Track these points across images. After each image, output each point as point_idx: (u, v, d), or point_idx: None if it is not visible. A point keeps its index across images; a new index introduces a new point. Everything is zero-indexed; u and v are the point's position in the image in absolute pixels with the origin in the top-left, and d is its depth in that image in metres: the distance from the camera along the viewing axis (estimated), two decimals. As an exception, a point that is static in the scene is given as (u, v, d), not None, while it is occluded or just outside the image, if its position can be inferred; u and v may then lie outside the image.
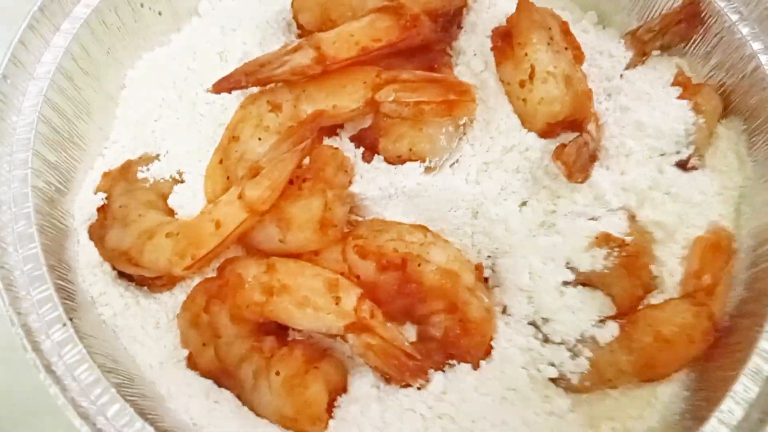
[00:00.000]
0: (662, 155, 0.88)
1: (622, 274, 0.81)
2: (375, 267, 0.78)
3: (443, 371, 0.79)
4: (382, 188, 0.82)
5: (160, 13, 1.02)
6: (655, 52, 0.97)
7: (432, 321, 0.80)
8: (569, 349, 0.79)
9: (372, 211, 0.84)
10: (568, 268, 0.81)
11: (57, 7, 0.90)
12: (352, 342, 0.75)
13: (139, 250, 0.79)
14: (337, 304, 0.75)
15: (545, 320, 0.80)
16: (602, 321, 0.80)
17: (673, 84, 0.93)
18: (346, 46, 0.81)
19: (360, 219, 0.84)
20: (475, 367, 0.79)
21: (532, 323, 0.81)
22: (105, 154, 0.94)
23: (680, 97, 0.90)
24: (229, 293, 0.77)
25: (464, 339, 0.79)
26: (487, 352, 0.80)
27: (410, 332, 0.83)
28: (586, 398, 0.80)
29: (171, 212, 0.86)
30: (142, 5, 0.99)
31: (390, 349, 0.75)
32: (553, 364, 0.79)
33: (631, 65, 0.95)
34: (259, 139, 0.82)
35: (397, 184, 0.81)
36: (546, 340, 0.80)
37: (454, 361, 0.79)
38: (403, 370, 0.75)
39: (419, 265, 0.77)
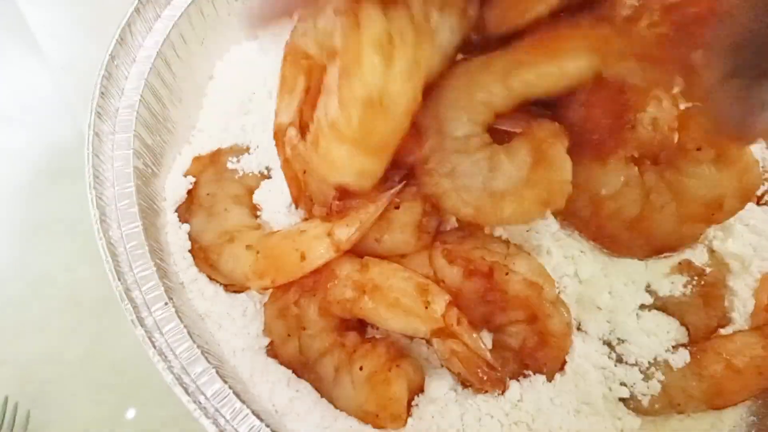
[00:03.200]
0: None
1: (699, 303, 0.83)
2: (462, 273, 0.80)
3: (518, 380, 0.81)
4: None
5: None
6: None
7: (510, 330, 0.82)
8: (642, 371, 0.81)
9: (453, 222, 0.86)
10: (647, 291, 0.83)
11: (159, -6, 0.93)
12: (437, 347, 0.77)
13: (218, 252, 0.81)
14: (426, 308, 0.77)
15: (620, 341, 0.82)
16: (675, 348, 0.82)
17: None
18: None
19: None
20: (549, 379, 0.81)
21: (607, 342, 0.83)
22: (192, 141, 0.96)
23: (760, 135, 0.93)
24: (320, 288, 0.78)
25: (541, 351, 0.80)
26: (561, 366, 0.82)
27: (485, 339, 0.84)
28: (651, 419, 0.83)
29: (255, 208, 0.88)
30: (237, -1, 1.02)
31: (473, 358, 0.77)
32: (624, 384, 0.81)
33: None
34: None
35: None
36: (619, 360, 0.82)
37: (529, 371, 0.82)
38: (484, 379, 0.77)
39: (506, 274, 0.79)
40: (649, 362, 0.82)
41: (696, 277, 0.83)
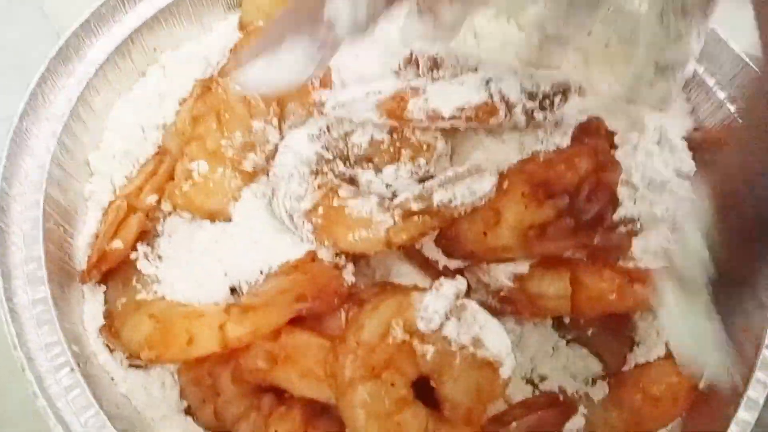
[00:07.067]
0: None
1: (608, 336, 0.85)
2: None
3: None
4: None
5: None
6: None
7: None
8: (564, 406, 0.82)
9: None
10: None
11: (72, 53, 0.92)
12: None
13: (123, 320, 0.79)
14: None
15: (542, 378, 0.83)
16: (594, 380, 0.84)
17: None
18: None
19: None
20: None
21: (530, 381, 0.84)
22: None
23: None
24: (232, 356, 0.77)
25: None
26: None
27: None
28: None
29: None
30: (155, 49, 1.02)
31: None
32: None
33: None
34: None
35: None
36: (542, 397, 0.83)
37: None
38: None
39: None
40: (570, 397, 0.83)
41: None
